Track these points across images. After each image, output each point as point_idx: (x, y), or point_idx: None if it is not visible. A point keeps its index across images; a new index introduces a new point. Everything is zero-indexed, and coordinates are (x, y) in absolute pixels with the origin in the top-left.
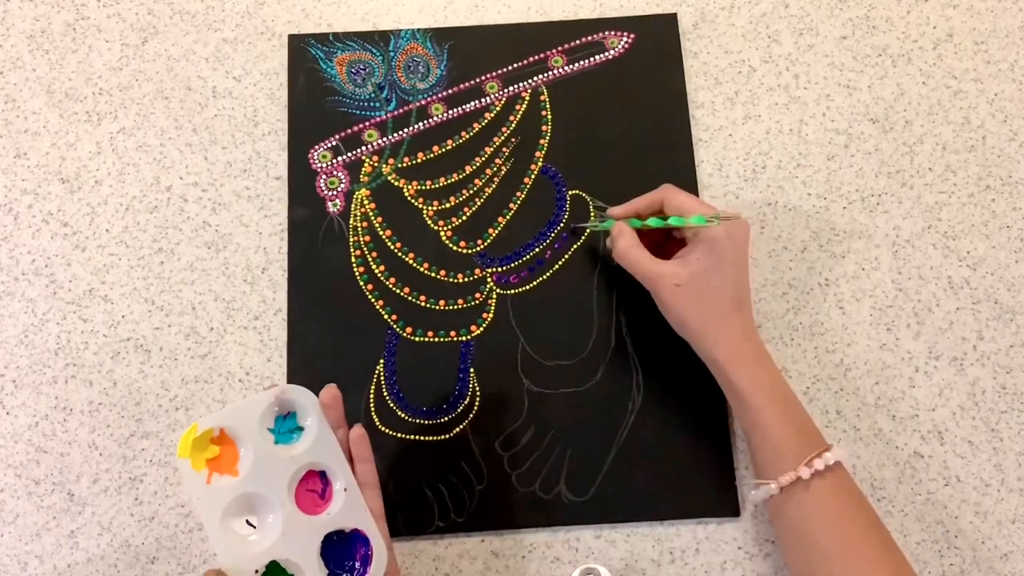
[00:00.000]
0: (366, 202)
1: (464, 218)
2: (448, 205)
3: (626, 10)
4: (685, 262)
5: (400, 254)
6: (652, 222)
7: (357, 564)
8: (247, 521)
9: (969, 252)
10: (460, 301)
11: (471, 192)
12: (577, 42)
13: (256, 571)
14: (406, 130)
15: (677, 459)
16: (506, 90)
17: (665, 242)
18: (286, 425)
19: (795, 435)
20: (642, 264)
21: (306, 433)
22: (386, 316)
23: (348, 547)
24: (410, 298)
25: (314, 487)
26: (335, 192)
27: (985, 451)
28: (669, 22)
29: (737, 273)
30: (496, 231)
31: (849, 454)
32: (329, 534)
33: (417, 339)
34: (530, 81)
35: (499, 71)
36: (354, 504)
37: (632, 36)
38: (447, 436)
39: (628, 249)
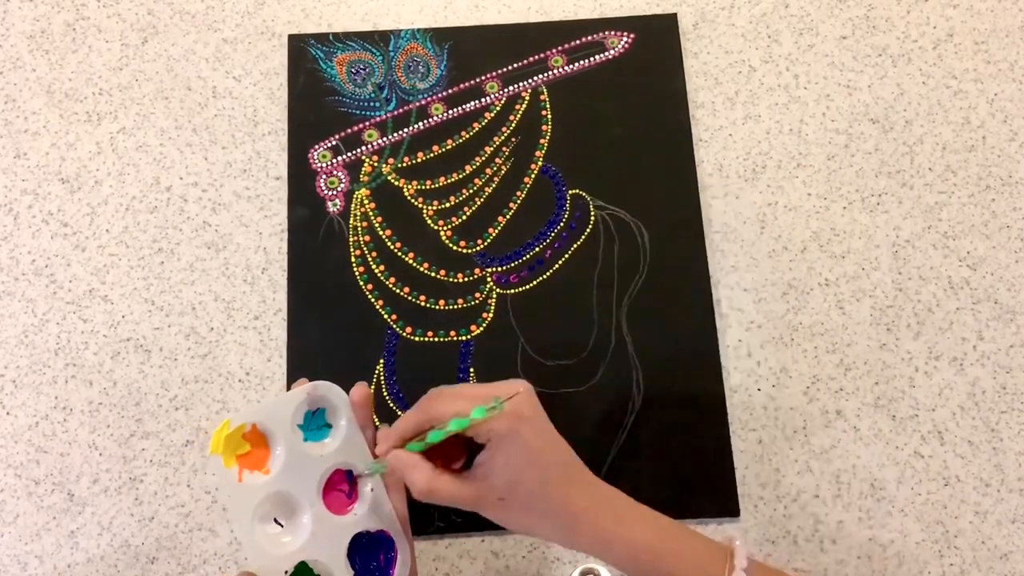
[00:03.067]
0: (366, 202)
1: (464, 218)
2: (448, 205)
3: (626, 10)
4: (492, 471)
5: (400, 254)
6: (432, 436)
7: (382, 565)
8: (275, 520)
9: (969, 252)
10: (460, 301)
11: (471, 192)
12: (577, 42)
13: (286, 572)
14: (406, 130)
15: (677, 459)
16: (506, 90)
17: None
18: (315, 422)
19: (706, 558)
20: (453, 494)
21: (336, 432)
22: (386, 316)
23: (373, 548)
24: (410, 298)
25: (342, 486)
26: (335, 192)
27: (985, 451)
28: (669, 22)
29: (549, 438)
30: (496, 231)
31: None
32: (358, 535)
33: (417, 339)
34: (530, 81)
35: (499, 71)
36: (381, 505)
37: (632, 36)
38: None
39: (430, 482)
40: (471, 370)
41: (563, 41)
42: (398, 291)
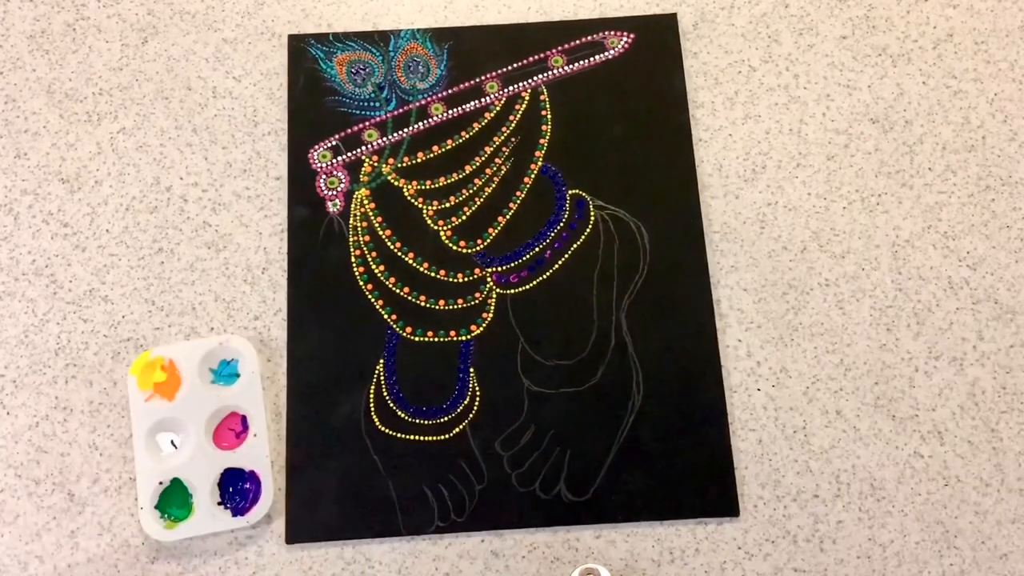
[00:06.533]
0: (366, 202)
1: (464, 218)
2: (448, 205)
3: (626, 10)
4: None
5: (400, 254)
6: None
7: (248, 499)
8: (172, 442)
9: (969, 252)
10: (460, 301)
11: (471, 192)
12: (577, 42)
13: (160, 482)
14: (406, 130)
15: (677, 459)
16: (506, 90)
17: None
18: (229, 369)
19: None
20: None
21: (241, 381)
22: (386, 316)
23: (243, 484)
24: (410, 298)
25: (233, 427)
26: (335, 192)
27: (985, 451)
28: (669, 22)
29: None
30: (496, 231)
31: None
32: (231, 468)
33: (417, 339)
34: (530, 81)
35: (499, 71)
36: (259, 450)
37: (632, 36)
38: (447, 436)
39: None
40: (471, 370)
41: (563, 41)
42: (398, 291)
